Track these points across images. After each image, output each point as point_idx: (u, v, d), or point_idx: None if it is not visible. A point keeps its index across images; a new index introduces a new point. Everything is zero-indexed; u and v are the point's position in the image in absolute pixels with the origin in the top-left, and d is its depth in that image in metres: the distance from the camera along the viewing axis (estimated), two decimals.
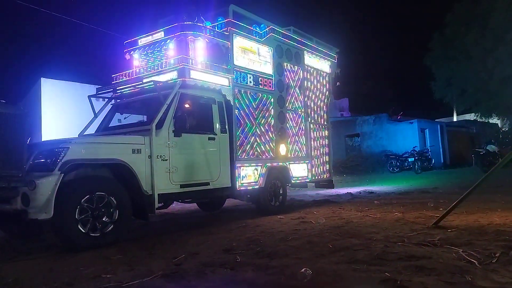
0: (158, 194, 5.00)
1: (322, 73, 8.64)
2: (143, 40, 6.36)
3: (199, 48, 5.94)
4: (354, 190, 10.83)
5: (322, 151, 8.41)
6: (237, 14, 6.64)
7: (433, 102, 29.35)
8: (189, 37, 5.86)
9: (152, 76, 5.85)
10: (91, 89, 6.94)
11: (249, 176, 6.43)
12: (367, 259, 3.38)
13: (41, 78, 11.46)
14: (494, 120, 28.48)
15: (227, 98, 6.26)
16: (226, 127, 6.18)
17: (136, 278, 3.16)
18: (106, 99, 6.52)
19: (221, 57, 6.30)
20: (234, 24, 6.44)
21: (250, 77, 6.66)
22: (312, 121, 8.19)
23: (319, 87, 8.51)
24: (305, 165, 7.81)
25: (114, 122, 6.38)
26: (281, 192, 7.15)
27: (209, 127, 5.97)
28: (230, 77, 6.24)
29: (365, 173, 18.98)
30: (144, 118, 6.51)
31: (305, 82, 8.03)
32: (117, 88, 6.15)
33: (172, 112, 5.36)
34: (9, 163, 4.07)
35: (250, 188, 6.47)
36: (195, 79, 5.67)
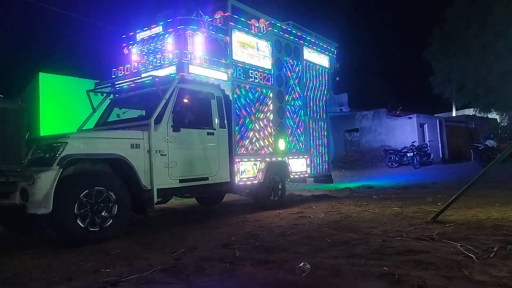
0: (157, 189, 5.01)
1: (321, 68, 8.62)
2: (141, 35, 6.33)
3: (198, 42, 5.92)
4: (353, 185, 10.85)
5: (321, 146, 8.42)
6: (236, 8, 6.61)
7: (432, 97, 29.38)
8: (188, 32, 5.83)
9: (151, 70, 5.84)
10: (90, 84, 6.91)
11: (248, 171, 6.44)
12: (365, 254, 3.39)
13: (40, 72, 11.41)
14: (493, 115, 28.51)
15: (226, 93, 6.25)
16: (225, 122, 6.17)
17: (135, 272, 3.17)
18: (105, 94, 6.50)
19: (220, 51, 6.28)
20: (233, 19, 6.41)
21: (249, 72, 6.64)
22: (311, 116, 8.19)
23: (318, 82, 8.49)
24: (304, 160, 7.82)
25: (112, 117, 6.37)
26: (280, 187, 7.16)
27: (208, 122, 5.96)
28: (229, 72, 6.22)
29: (364, 168, 19.01)
30: (143, 113, 6.50)
31: (304, 77, 8.02)
32: (116, 83, 6.14)
33: (171, 107, 5.35)
34: (8, 158, 4.06)
35: (249, 183, 6.47)
36: (194, 74, 5.65)
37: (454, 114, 30.58)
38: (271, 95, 7.09)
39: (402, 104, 24.01)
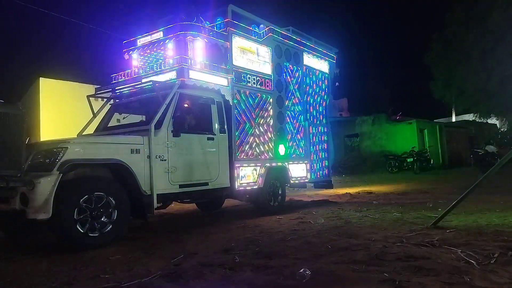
0: (157, 194, 5.00)
1: (321, 73, 8.64)
2: (142, 40, 6.36)
3: (198, 48, 5.94)
4: (353, 190, 10.83)
5: (321, 151, 8.42)
6: (236, 14, 6.64)
7: (432, 103, 29.45)
8: (188, 37, 5.85)
9: (151, 76, 5.85)
10: (90, 89, 6.93)
11: (248, 176, 6.43)
12: (365, 260, 3.38)
13: (40, 77, 11.44)
14: (493, 121, 28.54)
15: (226, 98, 6.26)
16: (225, 127, 6.18)
17: (134, 278, 3.16)
18: (105, 99, 6.51)
19: (220, 57, 6.29)
20: (233, 24, 6.44)
21: (249, 77, 6.65)
22: (311, 121, 8.19)
23: (318, 87, 8.50)
24: (304, 165, 7.81)
25: (113, 122, 6.37)
26: (280, 192, 7.15)
27: (208, 127, 5.97)
28: (229, 77, 6.24)
29: (364, 173, 18.99)
30: (144, 118, 6.51)
31: (304, 82, 8.03)
32: (116, 88, 6.14)
33: (171, 112, 5.35)
34: (8, 163, 4.06)
35: (249, 188, 6.46)
36: (194, 79, 5.67)
37: (454, 119, 30.63)
38: (271, 100, 7.11)
39: (402, 109, 24.08)
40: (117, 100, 6.50)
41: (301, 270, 3.03)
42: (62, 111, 10.82)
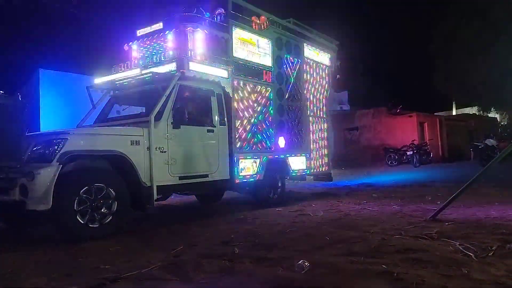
0: (157, 186, 5.00)
1: (322, 65, 8.61)
2: (141, 31, 6.32)
3: (198, 39, 5.91)
4: (352, 183, 10.85)
5: (321, 144, 8.41)
6: (237, 5, 6.59)
7: (432, 96, 29.34)
8: (188, 29, 5.82)
9: (151, 67, 5.83)
10: (90, 80, 6.90)
11: (247, 168, 6.43)
12: (364, 252, 3.40)
13: (40, 68, 11.40)
14: (493, 114, 28.50)
15: (226, 90, 6.24)
16: (225, 119, 6.17)
17: (134, 269, 3.17)
18: (105, 91, 6.49)
19: (220, 49, 6.26)
20: (233, 16, 6.40)
21: (249, 69, 6.62)
22: (311, 114, 8.18)
23: (318, 80, 8.48)
24: (303, 158, 7.81)
25: (112, 114, 6.36)
26: (279, 185, 7.16)
27: (208, 119, 5.96)
28: (229, 69, 6.21)
29: (364, 166, 19.00)
30: (143, 109, 6.49)
31: (305, 74, 8.00)
32: (116, 79, 6.12)
33: (171, 104, 5.34)
34: (8, 154, 4.06)
35: (249, 180, 6.47)
36: (194, 70, 5.64)
37: (454, 113, 30.57)
38: (271, 92, 7.08)
39: (402, 102, 23.96)
40: (116, 92, 6.48)
41: (300, 262, 3.05)
42: (61, 102, 10.81)
